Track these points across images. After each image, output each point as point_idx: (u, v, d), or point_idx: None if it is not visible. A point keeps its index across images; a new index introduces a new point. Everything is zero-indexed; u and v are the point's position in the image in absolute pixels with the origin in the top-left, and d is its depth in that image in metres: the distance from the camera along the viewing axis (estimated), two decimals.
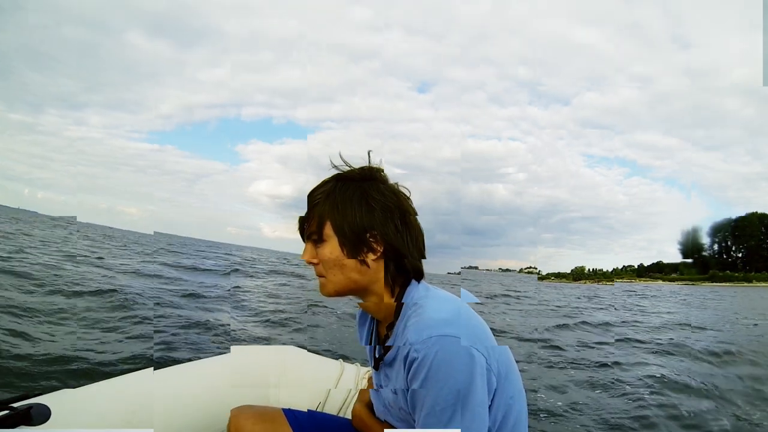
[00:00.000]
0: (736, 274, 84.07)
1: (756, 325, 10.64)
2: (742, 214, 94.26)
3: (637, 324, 9.41)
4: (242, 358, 1.55)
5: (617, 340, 6.67)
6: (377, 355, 0.93)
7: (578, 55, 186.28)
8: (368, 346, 0.99)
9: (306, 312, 6.35)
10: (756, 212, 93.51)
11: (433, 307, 0.80)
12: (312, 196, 0.86)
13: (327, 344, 4.40)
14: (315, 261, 0.86)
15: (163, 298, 5.96)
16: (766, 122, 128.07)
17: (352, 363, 1.68)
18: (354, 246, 0.83)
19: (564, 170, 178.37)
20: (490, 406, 0.78)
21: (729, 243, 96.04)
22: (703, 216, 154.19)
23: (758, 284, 72.78)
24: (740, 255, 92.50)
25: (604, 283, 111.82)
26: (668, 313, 13.75)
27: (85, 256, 11.78)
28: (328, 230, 0.84)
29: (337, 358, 1.71)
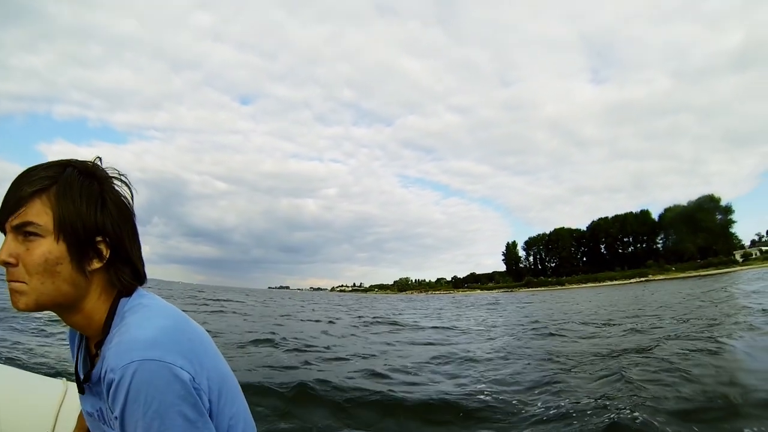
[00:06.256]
0: (550, 279, 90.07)
1: None
2: (545, 231, 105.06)
3: None
4: None
5: None
6: (82, 377, 0.78)
7: (404, 82, 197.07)
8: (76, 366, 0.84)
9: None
10: (566, 227, 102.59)
11: (140, 323, 0.68)
12: (29, 178, 0.67)
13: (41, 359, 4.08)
14: (14, 261, 0.66)
15: None
16: (567, 152, 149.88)
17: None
18: (81, 250, 0.68)
19: (379, 189, 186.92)
20: None
21: (543, 255, 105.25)
22: (511, 233, 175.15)
23: (570, 287, 76.04)
24: (554, 265, 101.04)
25: (430, 293, 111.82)
26: None
27: None
28: (50, 225, 0.66)
29: (56, 376, 1.51)
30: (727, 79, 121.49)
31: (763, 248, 61.47)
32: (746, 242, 70.04)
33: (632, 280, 66.24)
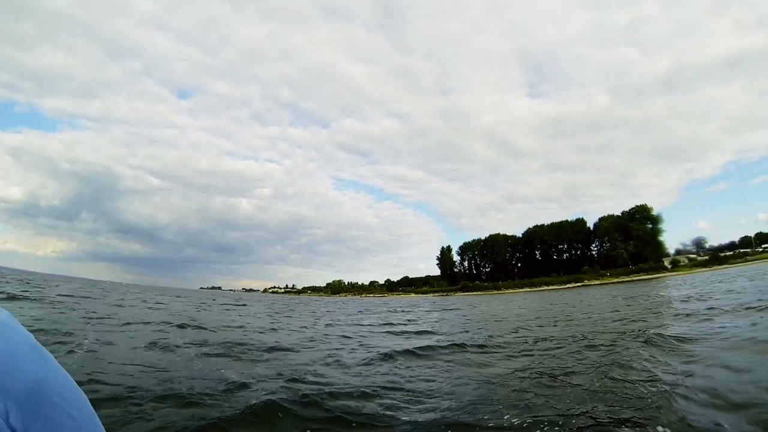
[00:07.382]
0: (486, 284, 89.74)
1: None
2: (478, 237, 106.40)
3: None
4: None
5: None
6: None
7: (344, 86, 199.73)
8: None
9: None
10: (501, 233, 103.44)
11: None
12: None
13: None
14: None
15: None
16: (502, 162, 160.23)
17: None
18: None
19: (313, 191, 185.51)
20: None
21: (478, 260, 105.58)
22: (444, 238, 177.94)
23: (507, 291, 75.57)
24: (488, 270, 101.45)
25: (364, 295, 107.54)
26: None
27: None
28: None
29: None
30: (657, 99, 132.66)
31: (691, 256, 65.31)
32: (671, 251, 74.69)
33: (569, 285, 66.72)
